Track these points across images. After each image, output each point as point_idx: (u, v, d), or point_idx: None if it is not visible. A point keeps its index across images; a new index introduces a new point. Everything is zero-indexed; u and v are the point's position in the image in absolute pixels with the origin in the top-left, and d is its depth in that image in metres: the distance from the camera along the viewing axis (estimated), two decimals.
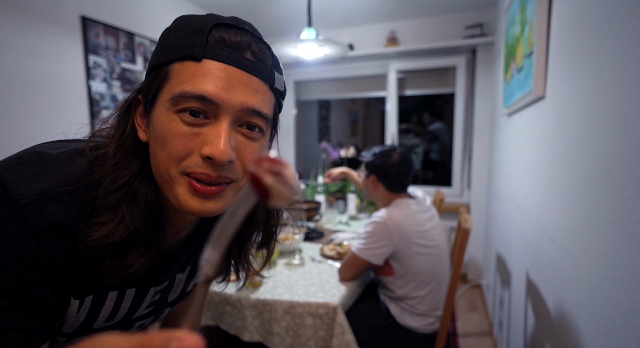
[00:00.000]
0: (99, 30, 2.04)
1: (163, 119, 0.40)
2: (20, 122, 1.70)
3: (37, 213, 0.37)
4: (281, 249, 1.59)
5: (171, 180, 0.41)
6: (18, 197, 0.37)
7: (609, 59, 0.72)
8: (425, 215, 1.39)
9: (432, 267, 1.34)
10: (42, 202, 0.38)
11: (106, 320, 0.49)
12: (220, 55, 0.40)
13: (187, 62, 0.40)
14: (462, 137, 2.93)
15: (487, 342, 2.02)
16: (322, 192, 2.66)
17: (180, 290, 0.61)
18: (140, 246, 0.44)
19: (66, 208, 0.39)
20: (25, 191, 0.37)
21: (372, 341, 1.34)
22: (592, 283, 0.76)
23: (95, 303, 0.46)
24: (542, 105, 1.21)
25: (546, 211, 1.11)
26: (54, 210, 0.38)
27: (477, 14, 2.74)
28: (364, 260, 1.30)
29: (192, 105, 0.39)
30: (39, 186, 0.38)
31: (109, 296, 0.47)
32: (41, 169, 0.40)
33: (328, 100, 4.92)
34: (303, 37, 1.86)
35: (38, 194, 0.38)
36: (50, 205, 0.38)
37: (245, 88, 0.40)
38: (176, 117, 0.40)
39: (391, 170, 1.42)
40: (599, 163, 0.75)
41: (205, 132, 0.40)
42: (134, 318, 0.53)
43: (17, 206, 0.36)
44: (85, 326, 0.47)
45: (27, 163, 0.40)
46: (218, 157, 0.39)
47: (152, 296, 0.53)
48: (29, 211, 0.37)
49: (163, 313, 0.61)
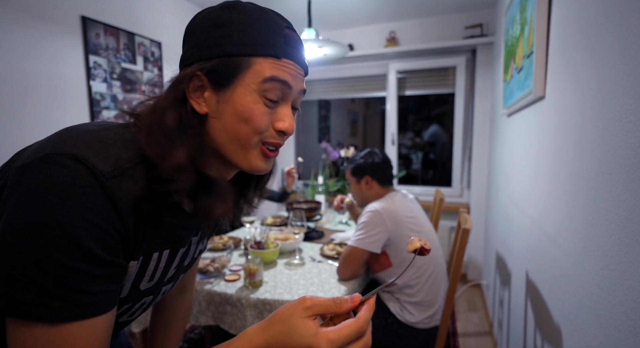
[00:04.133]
0: (99, 31, 2.04)
1: (248, 99, 0.50)
2: (21, 123, 1.70)
3: (117, 187, 0.42)
4: (281, 249, 1.59)
5: (250, 147, 0.52)
6: (103, 172, 0.41)
7: (608, 59, 0.72)
8: (412, 205, 1.49)
9: None
10: (118, 176, 0.42)
11: (149, 280, 0.55)
12: (292, 56, 0.52)
13: (270, 58, 0.50)
14: (462, 137, 2.93)
15: (487, 342, 2.02)
16: (322, 192, 2.66)
17: (191, 255, 0.67)
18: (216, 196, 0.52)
19: (134, 181, 0.44)
20: (105, 168, 0.41)
21: (372, 340, 1.35)
22: (592, 283, 0.76)
23: (143, 264, 0.52)
24: (541, 105, 1.21)
25: (546, 211, 1.11)
26: (127, 184, 0.43)
27: (477, 14, 2.74)
28: (362, 250, 1.33)
29: (276, 86, 0.51)
30: (111, 160, 0.43)
31: (153, 256, 0.53)
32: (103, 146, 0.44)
33: (328, 100, 4.91)
34: (303, 38, 1.86)
35: (115, 169, 0.42)
36: (123, 179, 0.43)
37: (301, 77, 0.55)
38: (259, 99, 0.50)
39: (380, 166, 1.55)
40: (598, 163, 0.75)
41: (277, 111, 0.53)
42: (165, 280, 0.60)
43: (101, 181, 0.40)
44: (134, 287, 0.53)
45: (92, 138, 0.44)
46: (290, 131, 0.53)
47: (180, 257, 0.60)
48: (111, 185, 0.41)
49: (179, 278, 0.68)
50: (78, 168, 0.40)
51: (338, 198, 1.92)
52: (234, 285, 1.29)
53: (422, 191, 3.11)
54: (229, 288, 1.27)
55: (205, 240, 0.72)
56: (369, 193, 1.56)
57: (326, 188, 2.68)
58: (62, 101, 1.88)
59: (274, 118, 0.53)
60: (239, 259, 1.58)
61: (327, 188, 2.68)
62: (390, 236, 1.36)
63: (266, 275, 1.39)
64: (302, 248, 1.70)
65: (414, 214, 1.43)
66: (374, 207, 1.39)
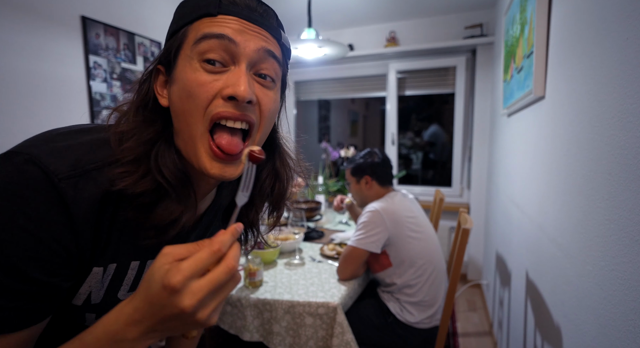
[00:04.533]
0: (99, 31, 2.04)
1: (187, 71, 0.43)
2: (21, 123, 1.70)
3: (72, 187, 0.39)
4: (281, 249, 1.59)
5: (197, 136, 0.44)
6: (56, 172, 0.38)
7: (608, 59, 0.72)
8: (412, 205, 1.48)
9: (426, 252, 1.39)
10: (75, 177, 0.40)
11: (129, 290, 0.51)
12: (233, 11, 0.44)
13: (204, 18, 0.44)
14: (462, 137, 2.93)
15: (487, 342, 2.02)
16: (322, 192, 2.66)
17: None
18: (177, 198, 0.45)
19: (95, 184, 0.41)
20: (59, 168, 0.39)
21: (372, 340, 1.35)
22: (592, 283, 0.76)
23: (118, 272, 0.48)
24: (541, 105, 1.21)
25: (546, 211, 1.11)
26: (85, 186, 0.40)
27: (477, 14, 2.74)
28: (362, 250, 1.33)
29: (213, 45, 0.43)
30: (71, 160, 0.40)
31: (131, 265, 0.49)
32: (69, 143, 0.42)
33: (328, 100, 4.92)
34: (303, 38, 1.86)
35: (72, 169, 0.40)
36: (81, 181, 0.40)
37: (257, 35, 0.45)
38: (198, 67, 0.43)
39: (379, 166, 1.56)
40: (598, 162, 0.75)
41: (226, 77, 0.44)
42: None
43: (54, 181, 0.38)
44: (110, 294, 0.49)
45: (55, 139, 0.42)
46: (241, 94, 0.42)
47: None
48: (64, 185, 0.39)
49: None
50: (28, 168, 0.38)
51: (338, 198, 1.92)
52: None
53: (422, 191, 3.11)
54: None
55: None
56: (368, 193, 1.56)
57: (326, 188, 2.68)
58: (62, 101, 1.87)
59: (221, 85, 0.43)
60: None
61: (327, 188, 2.68)
62: (390, 236, 1.36)
63: (266, 275, 1.39)
64: (302, 248, 1.70)
65: (414, 214, 1.43)
66: (374, 207, 1.39)
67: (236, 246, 0.39)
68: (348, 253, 1.35)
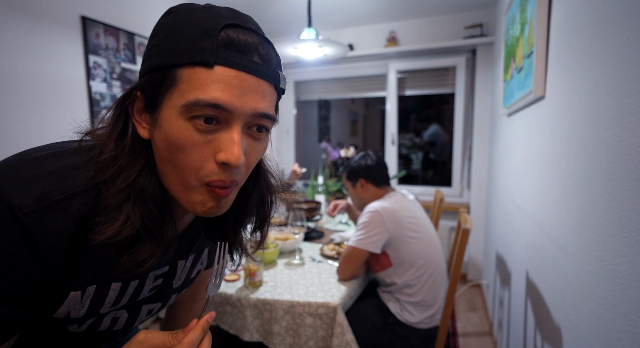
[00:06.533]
0: (99, 30, 2.04)
1: (174, 125, 0.40)
2: (21, 123, 1.70)
3: (38, 221, 0.38)
4: (281, 249, 1.59)
5: (190, 188, 0.43)
6: (20, 206, 0.37)
7: (608, 59, 0.72)
8: (412, 205, 1.48)
9: (426, 252, 1.39)
10: (42, 210, 0.38)
11: (112, 306, 0.51)
12: (231, 61, 0.40)
13: (198, 68, 0.39)
14: (462, 137, 2.93)
15: (487, 342, 2.02)
16: (322, 192, 2.66)
17: (185, 277, 0.63)
18: (150, 241, 0.44)
19: (65, 215, 0.40)
20: (26, 200, 0.38)
21: (372, 340, 1.35)
22: (592, 283, 0.76)
23: (98, 293, 0.47)
24: (541, 105, 1.21)
25: (546, 211, 1.11)
26: (54, 218, 0.39)
27: (477, 14, 2.74)
28: (362, 250, 1.33)
29: (206, 112, 0.40)
30: (37, 192, 0.39)
31: (112, 286, 0.49)
32: (37, 173, 0.40)
33: (328, 100, 4.91)
34: (303, 37, 1.86)
35: (38, 202, 0.38)
36: (49, 213, 0.39)
37: (255, 93, 0.42)
38: (189, 125, 0.40)
39: (373, 168, 1.56)
40: (598, 162, 0.75)
41: (218, 137, 0.41)
42: (139, 300, 0.55)
43: (17, 216, 0.37)
44: (92, 311, 0.49)
45: (23, 167, 0.40)
46: (234, 163, 0.40)
47: (152, 280, 0.55)
48: (29, 220, 0.37)
49: (170, 299, 0.63)
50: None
51: (331, 205, 1.91)
52: (233, 285, 1.29)
53: (422, 191, 3.11)
54: (228, 288, 1.27)
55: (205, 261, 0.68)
56: (365, 195, 1.57)
57: (326, 188, 2.68)
58: (62, 100, 1.88)
59: (214, 147, 0.41)
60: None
61: (327, 188, 2.68)
62: (391, 236, 1.36)
63: (266, 275, 1.39)
64: (302, 248, 1.70)
65: (414, 214, 1.43)
66: (374, 207, 1.39)
67: (207, 339, 0.41)
68: (348, 253, 1.35)
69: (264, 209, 0.58)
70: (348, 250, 1.35)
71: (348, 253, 1.35)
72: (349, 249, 1.35)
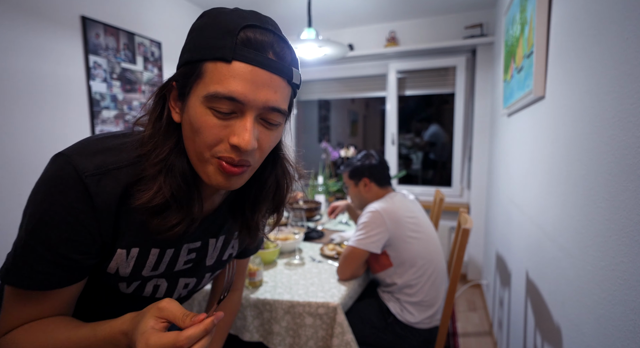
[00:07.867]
0: (99, 30, 2.04)
1: (197, 111, 0.48)
2: (21, 122, 1.70)
3: (95, 184, 0.49)
4: (281, 249, 1.59)
5: (204, 160, 0.50)
6: (84, 170, 0.49)
7: (608, 59, 0.72)
8: (412, 205, 1.48)
9: (427, 252, 1.39)
10: (98, 175, 0.49)
11: (152, 270, 0.60)
12: (247, 57, 0.46)
13: (219, 62, 0.46)
14: (462, 137, 2.93)
15: (487, 342, 2.02)
16: (322, 192, 2.66)
17: (217, 257, 0.70)
18: (178, 210, 0.53)
19: (115, 181, 0.51)
20: (88, 167, 0.49)
21: (372, 341, 1.35)
22: (592, 283, 0.76)
23: (140, 255, 0.57)
24: (541, 105, 1.21)
25: (546, 211, 1.11)
26: (107, 183, 0.50)
27: (477, 14, 2.74)
28: (363, 250, 1.33)
29: (223, 104, 0.47)
30: (97, 161, 0.50)
31: (152, 251, 0.58)
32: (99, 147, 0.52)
33: (328, 100, 4.91)
34: (303, 37, 1.86)
35: (97, 169, 0.49)
36: (104, 178, 0.50)
37: (267, 88, 0.47)
38: (209, 111, 0.47)
39: (377, 168, 1.56)
40: (598, 162, 0.75)
41: (233, 124, 0.48)
42: (175, 271, 0.64)
43: (81, 177, 0.48)
44: (136, 272, 0.58)
45: (90, 144, 0.52)
46: (244, 147, 0.47)
47: (186, 253, 0.63)
48: (89, 181, 0.49)
49: (205, 277, 0.71)
50: (65, 166, 0.49)
51: (330, 208, 1.91)
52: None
53: (422, 191, 3.11)
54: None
55: (236, 245, 0.74)
56: (367, 195, 1.57)
57: (326, 188, 2.68)
58: (62, 101, 1.87)
59: (229, 132, 0.48)
60: None
61: (327, 188, 2.68)
62: (391, 236, 1.36)
63: (266, 275, 1.39)
64: (302, 248, 1.70)
65: (414, 215, 1.43)
66: (374, 207, 1.39)
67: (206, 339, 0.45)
68: (348, 253, 1.35)
69: (280, 193, 0.64)
70: (348, 250, 1.35)
71: (348, 253, 1.35)
72: (349, 249, 1.35)
